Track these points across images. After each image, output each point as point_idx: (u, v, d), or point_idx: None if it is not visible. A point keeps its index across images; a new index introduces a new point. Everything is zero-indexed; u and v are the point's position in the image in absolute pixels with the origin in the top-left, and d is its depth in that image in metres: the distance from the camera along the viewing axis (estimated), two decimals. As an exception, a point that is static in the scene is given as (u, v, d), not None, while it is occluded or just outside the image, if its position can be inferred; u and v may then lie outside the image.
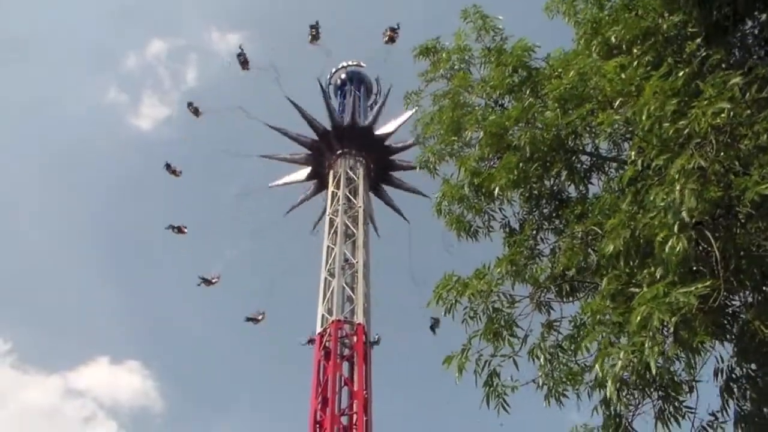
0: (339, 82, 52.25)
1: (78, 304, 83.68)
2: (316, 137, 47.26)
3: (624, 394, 8.92)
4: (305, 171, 48.06)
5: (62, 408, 76.14)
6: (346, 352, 36.16)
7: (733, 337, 9.77)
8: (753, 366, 10.15)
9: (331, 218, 41.77)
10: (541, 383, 10.08)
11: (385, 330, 39.77)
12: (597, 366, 8.37)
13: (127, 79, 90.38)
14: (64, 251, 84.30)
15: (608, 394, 8.43)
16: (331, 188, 43.74)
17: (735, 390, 10.12)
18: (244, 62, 49.83)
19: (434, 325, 40.99)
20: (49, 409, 74.44)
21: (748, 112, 8.68)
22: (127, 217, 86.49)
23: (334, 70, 51.75)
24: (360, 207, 42.20)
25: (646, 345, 7.55)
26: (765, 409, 9.95)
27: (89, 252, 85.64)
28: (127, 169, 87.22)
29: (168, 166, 48.51)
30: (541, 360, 10.08)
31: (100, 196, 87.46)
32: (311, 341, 39.82)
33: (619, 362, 7.90)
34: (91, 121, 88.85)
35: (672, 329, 7.46)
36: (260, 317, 44.60)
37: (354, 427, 33.22)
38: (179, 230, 47.65)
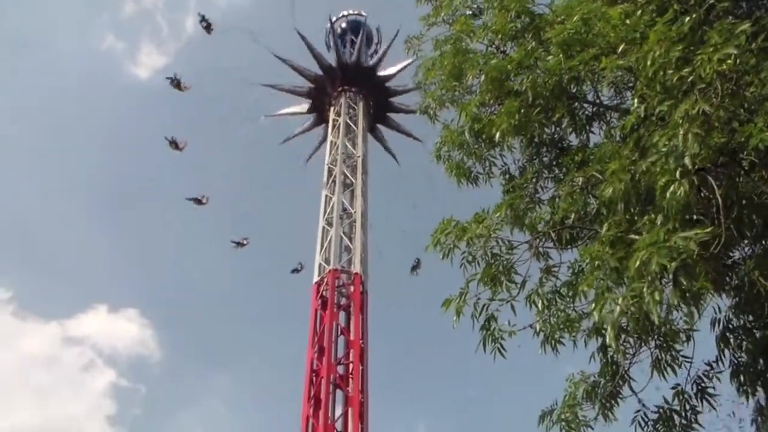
0: (339, 30, 51.75)
1: (76, 252, 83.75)
2: (320, 72, 47.02)
3: (621, 341, 8.90)
4: (306, 105, 48.06)
5: (61, 355, 76.60)
6: (343, 301, 36.23)
7: (731, 288, 9.75)
8: (750, 318, 10.15)
9: (329, 167, 41.57)
10: (538, 329, 10.07)
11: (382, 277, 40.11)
12: (595, 312, 8.31)
13: (124, 26, 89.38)
14: (62, 198, 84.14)
15: (608, 340, 8.39)
16: (330, 137, 43.48)
17: (731, 340, 10.14)
18: (207, 27, 49.32)
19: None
20: (47, 356, 74.88)
21: (754, 60, 8.52)
22: (124, 165, 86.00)
23: (334, 18, 51.22)
24: (359, 157, 42.00)
25: (646, 291, 7.48)
26: (760, 360, 9.96)
27: (87, 199, 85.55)
28: (125, 116, 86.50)
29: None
30: (539, 306, 10.06)
31: (98, 143, 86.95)
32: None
33: (618, 308, 7.85)
34: (88, 67, 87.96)
35: (671, 275, 7.37)
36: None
37: (350, 376, 33.37)
38: (198, 201, 47.41)
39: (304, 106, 48.36)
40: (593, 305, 8.53)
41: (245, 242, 46.58)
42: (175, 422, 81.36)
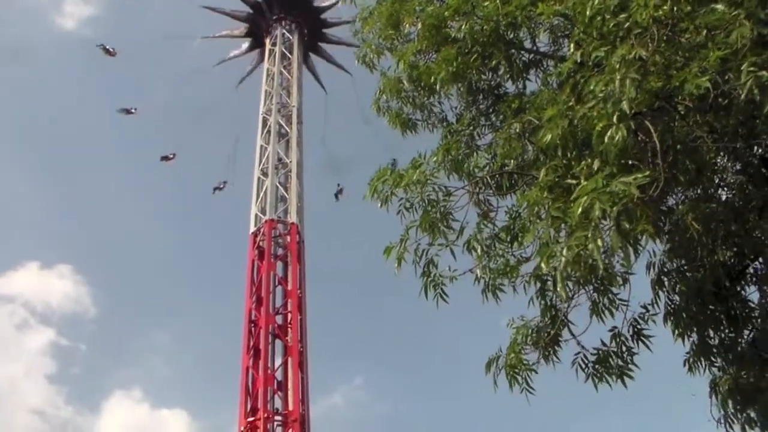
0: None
1: (5, 208, 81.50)
2: (250, 10, 46.75)
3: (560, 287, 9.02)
4: (245, 45, 47.72)
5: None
6: (280, 251, 36.19)
7: (665, 233, 9.94)
8: (683, 262, 10.39)
9: (264, 117, 41.13)
10: (479, 275, 10.14)
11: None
12: (542, 263, 8.39)
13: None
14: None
15: (558, 290, 8.47)
16: (264, 86, 42.96)
17: (666, 283, 10.38)
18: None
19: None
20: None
21: (689, 8, 8.58)
22: (56, 118, 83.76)
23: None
24: (293, 106, 41.68)
25: (589, 238, 7.56)
26: (692, 303, 10.21)
27: (16, 153, 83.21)
28: (57, 68, 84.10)
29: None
30: (478, 251, 10.11)
31: (28, 96, 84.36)
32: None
33: (563, 258, 7.92)
34: (14, 21, 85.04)
35: (614, 220, 7.45)
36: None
37: (288, 325, 33.50)
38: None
39: (242, 30, 47.73)
40: (538, 256, 8.61)
41: (171, 157, 45.80)
42: (115, 380, 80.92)
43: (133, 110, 46.35)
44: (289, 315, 33.81)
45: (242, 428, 30.66)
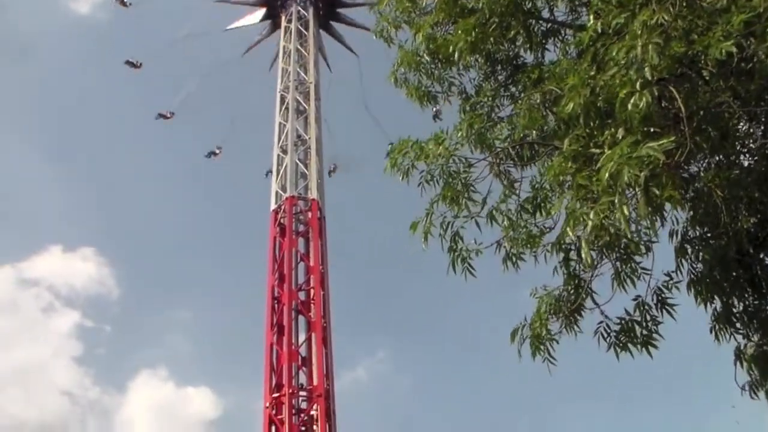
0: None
1: (26, 194, 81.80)
2: None
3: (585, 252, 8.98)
4: (259, 13, 46.84)
5: (18, 299, 75.09)
6: (301, 228, 36.25)
7: (688, 201, 9.88)
8: (706, 229, 10.32)
9: (281, 95, 41.02)
10: (506, 246, 10.13)
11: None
12: (568, 229, 8.37)
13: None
14: (11, 141, 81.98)
15: (584, 257, 8.47)
16: (281, 64, 42.82)
17: (689, 251, 10.31)
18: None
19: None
20: (5, 301, 73.24)
21: None
22: (75, 102, 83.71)
23: None
24: (311, 83, 41.53)
25: (617, 204, 7.52)
26: (716, 270, 10.15)
27: (37, 139, 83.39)
28: (73, 52, 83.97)
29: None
30: (504, 222, 10.10)
31: (47, 80, 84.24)
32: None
33: (590, 224, 7.89)
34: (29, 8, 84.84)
35: (642, 186, 7.40)
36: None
37: (311, 301, 33.59)
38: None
39: (257, 15, 47.09)
40: (565, 224, 8.58)
41: (169, 115, 45.53)
42: (140, 360, 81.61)
43: (138, 64, 45.69)
44: (312, 291, 33.87)
45: (267, 404, 30.83)
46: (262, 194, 38.31)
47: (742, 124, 10.03)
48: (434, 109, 12.78)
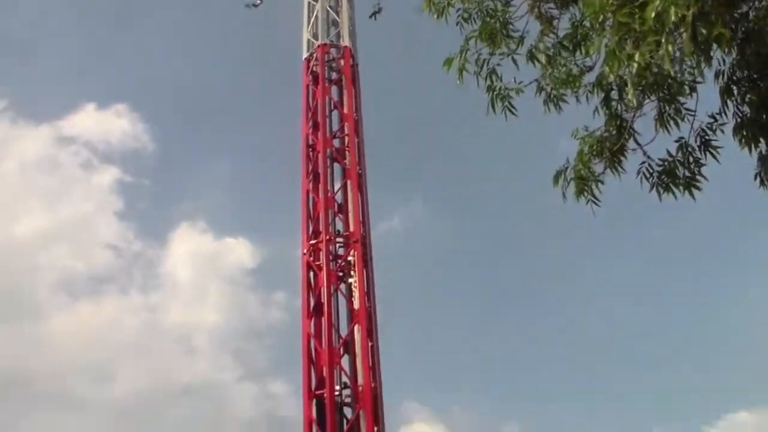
0: None
1: (54, 56, 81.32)
2: None
3: (624, 95, 8.80)
4: None
5: (58, 156, 75.82)
6: (334, 75, 35.88)
7: (736, 43, 9.56)
8: (754, 72, 10.02)
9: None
10: (544, 85, 9.96)
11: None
12: (608, 69, 8.16)
13: None
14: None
15: (630, 96, 8.29)
16: None
17: (735, 92, 10.04)
18: None
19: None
20: (46, 158, 74.04)
21: None
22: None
23: None
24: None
25: (663, 43, 7.29)
26: (763, 114, 9.93)
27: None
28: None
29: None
30: (543, 60, 9.89)
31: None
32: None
33: (635, 65, 7.68)
34: None
35: (689, 24, 7.14)
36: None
37: (346, 148, 33.59)
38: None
39: None
40: (605, 64, 8.36)
41: (258, 2, 43.77)
42: (180, 213, 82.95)
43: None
44: (346, 138, 33.79)
45: (305, 251, 31.34)
46: (295, 44, 37.72)
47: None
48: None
